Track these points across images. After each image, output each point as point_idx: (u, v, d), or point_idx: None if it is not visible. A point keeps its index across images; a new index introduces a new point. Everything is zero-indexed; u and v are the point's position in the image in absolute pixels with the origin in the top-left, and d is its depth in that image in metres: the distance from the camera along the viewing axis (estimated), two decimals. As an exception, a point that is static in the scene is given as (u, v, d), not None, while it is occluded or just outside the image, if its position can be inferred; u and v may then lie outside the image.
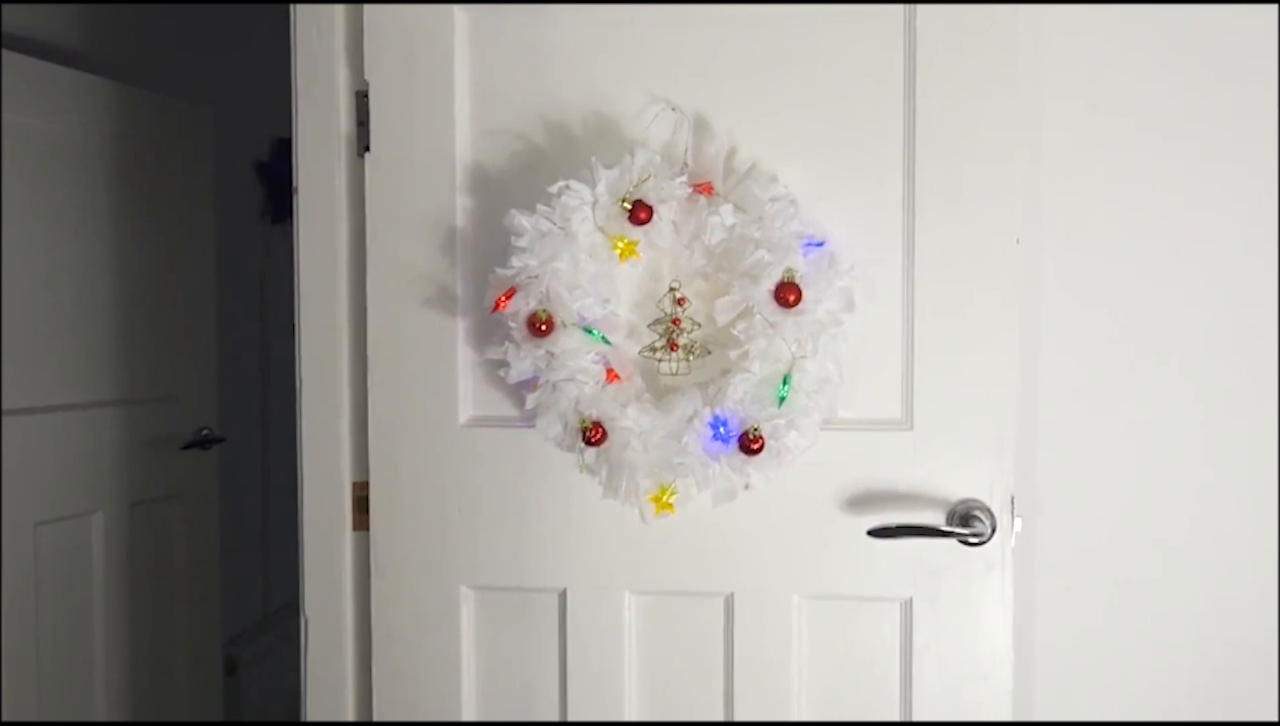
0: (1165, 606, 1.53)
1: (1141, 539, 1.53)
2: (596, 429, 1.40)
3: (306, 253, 1.61)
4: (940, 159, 1.43)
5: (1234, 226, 1.50)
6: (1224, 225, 1.50)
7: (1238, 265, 1.50)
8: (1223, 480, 1.52)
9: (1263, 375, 1.51)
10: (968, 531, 1.41)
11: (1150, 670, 1.54)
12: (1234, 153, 1.50)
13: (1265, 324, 1.50)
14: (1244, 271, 1.50)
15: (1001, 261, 1.43)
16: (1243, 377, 1.51)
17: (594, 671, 1.52)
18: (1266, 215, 1.50)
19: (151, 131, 2.61)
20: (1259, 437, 1.51)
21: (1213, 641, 1.53)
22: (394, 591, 1.55)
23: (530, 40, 1.50)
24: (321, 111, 1.59)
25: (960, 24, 1.42)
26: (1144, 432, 1.53)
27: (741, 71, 1.46)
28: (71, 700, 2.44)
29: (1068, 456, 1.54)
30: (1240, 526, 1.52)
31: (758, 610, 1.49)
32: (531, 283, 1.39)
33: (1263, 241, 1.50)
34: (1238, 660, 1.53)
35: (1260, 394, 1.51)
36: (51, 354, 2.37)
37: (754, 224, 1.39)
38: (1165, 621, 1.53)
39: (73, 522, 2.42)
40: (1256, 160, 1.50)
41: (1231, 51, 1.49)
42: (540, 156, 1.50)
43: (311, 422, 1.61)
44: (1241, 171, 1.50)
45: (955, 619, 1.46)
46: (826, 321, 1.38)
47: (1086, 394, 1.53)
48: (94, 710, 2.50)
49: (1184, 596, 1.53)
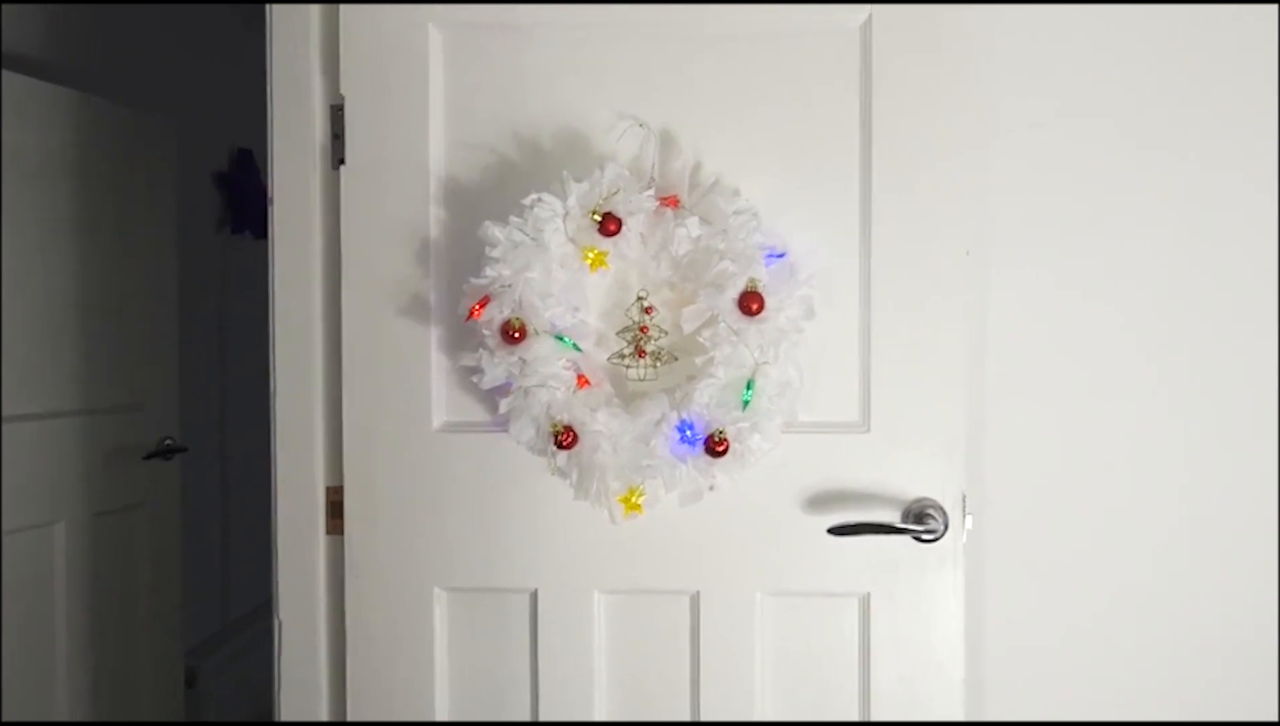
0: (1110, 595, 1.62)
1: (1084, 532, 1.62)
2: (568, 433, 1.45)
3: (281, 261, 1.63)
4: (894, 174, 1.50)
5: (1170, 231, 1.60)
6: (1159, 230, 1.60)
7: (1178, 267, 1.60)
8: (1163, 472, 1.61)
9: (1202, 374, 1.60)
10: (922, 528, 1.48)
11: (1096, 655, 1.62)
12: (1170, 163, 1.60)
13: (1207, 326, 1.60)
14: (1185, 272, 1.60)
15: (952, 272, 1.51)
16: (1181, 377, 1.60)
17: (565, 668, 1.57)
18: (1206, 218, 1.59)
19: (115, 142, 2.61)
20: (1197, 434, 1.60)
21: (1158, 625, 1.62)
22: (368, 593, 1.59)
23: (503, 57, 1.55)
24: (297, 124, 1.62)
25: (913, 45, 1.50)
26: (1085, 432, 1.61)
27: (706, 89, 1.53)
28: (34, 708, 2.42)
29: (1014, 456, 1.62)
30: (1179, 516, 1.61)
31: (723, 607, 1.55)
32: (505, 291, 1.44)
33: (1203, 241, 1.60)
34: (1184, 644, 1.62)
35: (1199, 392, 1.60)
36: (14, 363, 2.37)
37: (718, 236, 1.45)
38: (1111, 609, 1.62)
39: (36, 532, 2.42)
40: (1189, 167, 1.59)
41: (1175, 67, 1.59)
42: (512, 170, 1.55)
43: (285, 428, 1.64)
44: (1174, 181, 1.60)
45: (911, 612, 1.53)
46: (788, 329, 1.44)
47: (1031, 397, 1.62)
48: (55, 716, 2.49)
49: (1128, 584, 1.62)
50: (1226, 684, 1.61)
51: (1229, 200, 1.59)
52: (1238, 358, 1.60)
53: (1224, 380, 1.60)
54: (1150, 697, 1.62)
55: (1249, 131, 1.58)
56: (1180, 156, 1.59)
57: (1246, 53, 1.58)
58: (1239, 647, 1.61)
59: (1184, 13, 1.59)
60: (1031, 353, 1.62)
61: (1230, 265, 1.59)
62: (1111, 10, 1.59)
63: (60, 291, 2.49)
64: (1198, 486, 1.61)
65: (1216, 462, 1.60)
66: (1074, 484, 1.62)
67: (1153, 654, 1.62)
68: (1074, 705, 1.62)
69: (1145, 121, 1.60)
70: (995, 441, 1.61)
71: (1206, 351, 1.60)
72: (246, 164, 3.61)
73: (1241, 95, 1.58)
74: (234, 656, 3.36)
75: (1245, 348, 1.60)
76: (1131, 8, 1.59)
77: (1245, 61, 1.58)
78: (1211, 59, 1.59)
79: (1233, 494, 1.60)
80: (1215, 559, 1.61)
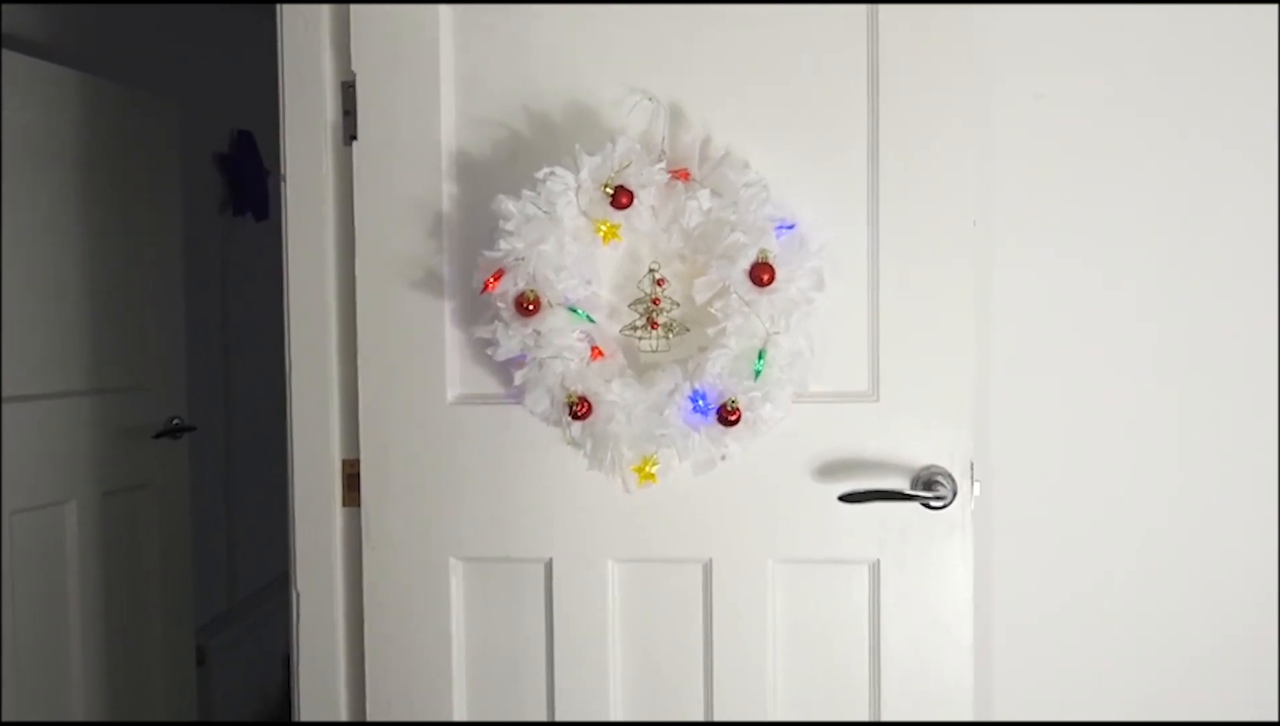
0: (1114, 561, 1.65)
1: (1089, 499, 1.65)
2: (582, 403, 1.47)
3: (294, 238, 1.65)
4: (901, 146, 1.52)
5: (1174, 200, 1.61)
6: (1163, 200, 1.62)
7: (1181, 236, 1.62)
8: (1166, 440, 1.63)
9: (1206, 344, 1.62)
10: (931, 495, 1.51)
11: (1100, 621, 1.65)
12: (1173, 133, 1.61)
13: (1211, 296, 1.62)
14: (1189, 242, 1.62)
15: (959, 242, 1.52)
16: (1185, 346, 1.63)
17: (579, 637, 1.59)
18: (1210, 188, 1.61)
19: (119, 123, 2.62)
20: (1201, 404, 1.63)
21: (1162, 591, 1.64)
22: (385, 563, 1.61)
23: (512, 33, 1.56)
24: (308, 101, 1.63)
25: (919, 21, 1.51)
26: (1090, 400, 1.64)
27: (715, 63, 1.54)
28: (46, 688, 2.45)
29: (1020, 425, 1.64)
30: (1182, 484, 1.64)
31: (735, 575, 1.57)
32: (519, 265, 1.46)
33: (1207, 211, 1.61)
34: (1184, 611, 1.65)
35: (1203, 362, 1.63)
36: (24, 343, 2.38)
37: (729, 208, 1.47)
38: (1115, 576, 1.65)
39: (47, 511, 2.44)
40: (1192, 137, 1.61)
41: (1174, 40, 1.61)
42: (523, 144, 1.56)
43: (301, 402, 1.66)
44: (1178, 151, 1.61)
45: (920, 578, 1.55)
46: (798, 299, 1.46)
47: (1037, 366, 1.64)
48: (68, 698, 2.52)
49: (1132, 551, 1.65)
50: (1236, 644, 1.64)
51: (1233, 171, 1.61)
52: (1242, 326, 1.62)
53: (1228, 349, 1.62)
54: (1155, 664, 1.65)
55: (1253, 103, 1.60)
56: (1184, 127, 1.61)
57: (1251, 20, 1.59)
58: (1241, 610, 1.64)
59: None
60: (1037, 322, 1.64)
61: (1234, 235, 1.61)
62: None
63: (68, 272, 2.50)
64: (1201, 456, 1.63)
65: (1219, 432, 1.63)
66: (1079, 452, 1.64)
67: (1156, 619, 1.65)
68: (1080, 670, 1.65)
69: (1148, 91, 1.61)
70: (1002, 410, 1.64)
71: (1210, 321, 1.62)
72: (247, 146, 3.61)
73: (1246, 65, 1.60)
74: (243, 635, 3.39)
75: (1249, 316, 1.62)
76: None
77: (1250, 29, 1.60)
78: (1215, 27, 1.60)
79: (1235, 464, 1.63)
80: (1218, 527, 1.63)
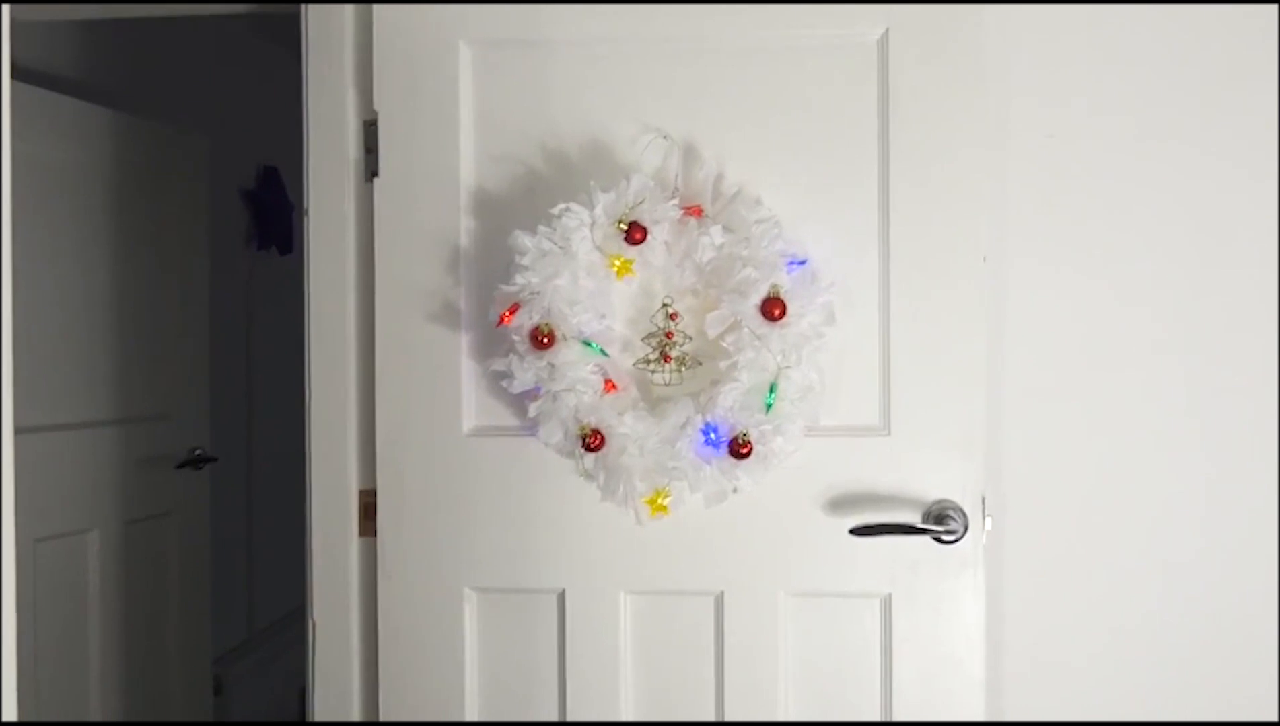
0: (1128, 597, 1.64)
1: (1102, 535, 1.64)
2: (595, 435, 1.49)
3: (316, 270, 1.69)
4: (912, 183, 1.54)
5: (1187, 235, 1.63)
6: (1175, 234, 1.63)
7: (1195, 270, 1.63)
8: (1181, 474, 1.63)
9: (1217, 378, 1.63)
10: (942, 529, 1.51)
11: (1113, 657, 1.65)
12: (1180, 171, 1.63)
13: (1225, 328, 1.62)
14: (1202, 275, 1.63)
15: (969, 277, 1.54)
16: (1200, 379, 1.63)
17: (591, 668, 1.60)
18: (1222, 221, 1.62)
19: (150, 159, 2.68)
20: (1216, 437, 1.63)
21: (1176, 629, 1.64)
22: (400, 593, 1.63)
23: (531, 73, 1.60)
24: (331, 139, 1.68)
25: (929, 57, 1.54)
26: (1104, 435, 1.64)
27: (728, 102, 1.57)
28: (65, 714, 2.47)
29: (1033, 459, 1.65)
30: (1198, 518, 1.63)
31: (746, 607, 1.58)
32: (534, 298, 1.49)
33: (1220, 244, 1.62)
34: (1197, 647, 1.64)
35: (1218, 395, 1.63)
36: (51, 373, 2.42)
37: (741, 243, 1.50)
38: (1129, 611, 1.64)
39: (70, 540, 2.47)
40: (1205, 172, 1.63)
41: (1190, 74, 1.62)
42: (540, 181, 1.60)
43: (319, 433, 1.69)
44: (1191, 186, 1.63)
45: (931, 613, 1.55)
46: (809, 334, 1.48)
47: (1050, 400, 1.65)
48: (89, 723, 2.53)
49: (1145, 587, 1.64)
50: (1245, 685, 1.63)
51: (1246, 204, 1.62)
52: (1257, 359, 1.62)
53: (1244, 382, 1.62)
54: (1172, 703, 1.64)
55: (1265, 134, 1.61)
56: (1196, 162, 1.63)
57: (1262, 56, 1.61)
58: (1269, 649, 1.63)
59: (1199, 18, 1.62)
60: (1050, 356, 1.65)
61: (1248, 268, 1.62)
62: (1125, 19, 1.63)
63: (96, 304, 2.55)
64: (1217, 488, 1.63)
65: (1237, 465, 1.62)
66: (1092, 487, 1.64)
67: (1172, 657, 1.64)
68: (1093, 707, 1.65)
69: (1161, 128, 1.63)
70: (1014, 444, 1.64)
71: (1225, 353, 1.62)
72: (272, 181, 3.68)
73: (1257, 99, 1.61)
74: (260, 666, 3.40)
75: (1265, 349, 1.62)
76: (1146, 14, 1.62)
77: (1260, 65, 1.61)
78: (1228, 65, 1.62)
79: (1256, 496, 1.62)
80: (1236, 563, 1.63)
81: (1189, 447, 1.63)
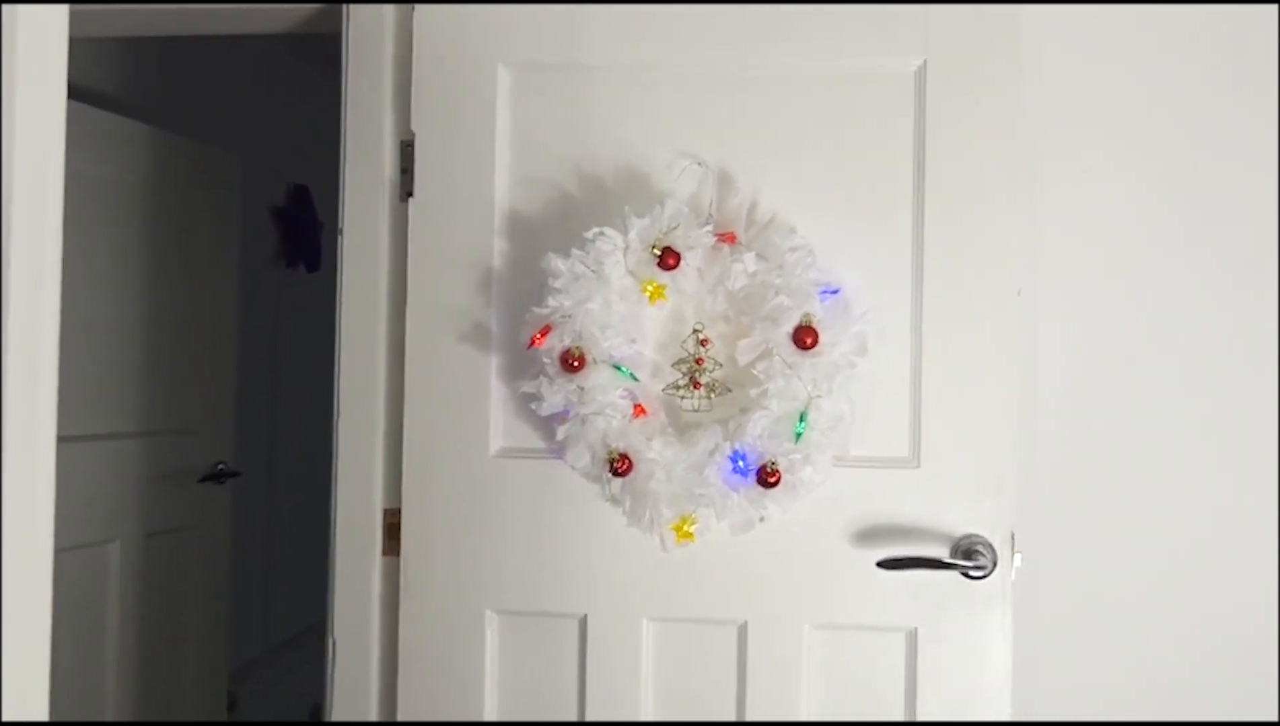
0: (1160, 636, 1.62)
1: (1133, 571, 1.62)
2: (623, 460, 1.48)
3: (349, 288, 1.69)
4: (946, 215, 1.54)
5: (1220, 274, 1.62)
6: (1208, 274, 1.62)
7: (1228, 309, 1.61)
8: (1211, 513, 1.61)
9: (1253, 416, 1.61)
10: (970, 565, 1.50)
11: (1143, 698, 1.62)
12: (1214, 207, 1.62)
13: (1258, 369, 1.61)
14: (1236, 315, 1.61)
15: (1003, 311, 1.53)
16: (1232, 419, 1.61)
17: (612, 695, 1.59)
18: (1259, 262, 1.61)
19: (184, 175, 2.71)
20: (1251, 475, 1.61)
21: (1206, 666, 1.61)
22: (422, 614, 1.62)
23: (567, 97, 1.61)
24: (368, 158, 1.69)
25: (966, 90, 1.54)
26: (1135, 472, 1.62)
27: (763, 129, 1.58)
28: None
29: (1063, 496, 1.63)
30: (1229, 557, 1.61)
31: (770, 638, 1.56)
32: (566, 321, 1.49)
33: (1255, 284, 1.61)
34: (1235, 690, 1.61)
35: (1250, 436, 1.61)
36: (77, 383, 2.44)
37: (774, 271, 1.49)
38: (1161, 651, 1.62)
39: (90, 551, 2.47)
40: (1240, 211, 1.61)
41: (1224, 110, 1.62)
42: (574, 205, 1.60)
43: (347, 450, 1.69)
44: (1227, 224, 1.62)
45: (958, 649, 1.53)
46: (841, 363, 1.47)
47: (1081, 437, 1.63)
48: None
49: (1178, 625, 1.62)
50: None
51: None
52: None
53: (1276, 423, 1.60)
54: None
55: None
56: (1230, 199, 1.61)
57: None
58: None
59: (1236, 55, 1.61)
60: (1081, 392, 1.63)
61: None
62: (1159, 52, 1.62)
63: (126, 318, 2.57)
64: (1254, 527, 1.61)
65: (1268, 505, 1.60)
66: (1122, 524, 1.62)
67: (1203, 695, 1.61)
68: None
69: (1196, 165, 1.62)
70: (1044, 480, 1.63)
71: (1261, 390, 1.61)
72: (302, 200, 3.72)
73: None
74: (274, 681, 3.40)
75: (1296, 394, 1.60)
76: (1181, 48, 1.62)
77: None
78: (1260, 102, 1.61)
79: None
80: (1268, 601, 1.60)
81: (1223, 486, 1.61)
